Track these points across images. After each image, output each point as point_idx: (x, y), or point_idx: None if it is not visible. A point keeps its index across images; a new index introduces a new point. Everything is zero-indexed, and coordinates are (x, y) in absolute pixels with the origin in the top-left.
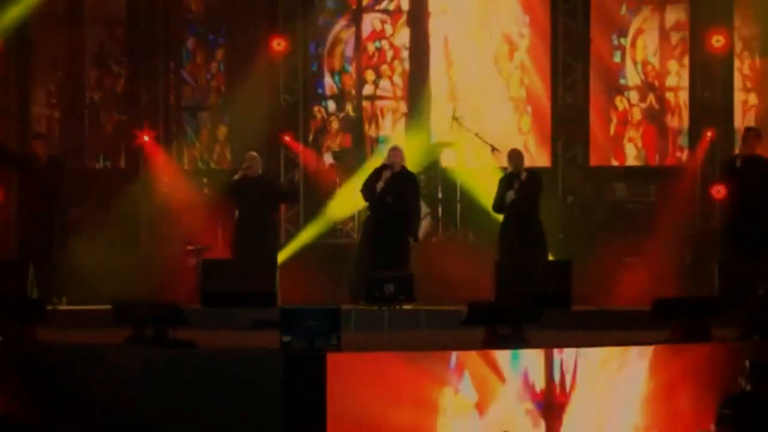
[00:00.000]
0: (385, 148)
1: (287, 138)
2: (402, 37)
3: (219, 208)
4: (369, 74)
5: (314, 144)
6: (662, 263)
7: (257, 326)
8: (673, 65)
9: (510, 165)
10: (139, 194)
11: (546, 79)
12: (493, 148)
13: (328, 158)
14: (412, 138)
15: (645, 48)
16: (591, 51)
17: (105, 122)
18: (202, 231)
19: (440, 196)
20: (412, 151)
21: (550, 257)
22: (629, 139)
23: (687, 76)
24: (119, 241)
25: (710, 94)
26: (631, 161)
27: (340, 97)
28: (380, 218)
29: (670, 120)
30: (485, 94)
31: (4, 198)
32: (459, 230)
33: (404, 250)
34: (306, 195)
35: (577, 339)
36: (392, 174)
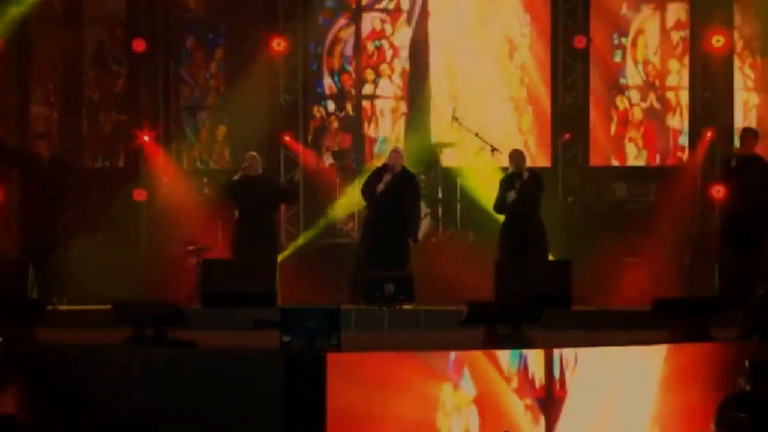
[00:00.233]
0: (385, 147)
1: (287, 138)
2: (402, 36)
3: (219, 208)
4: (369, 74)
5: (314, 144)
6: (662, 263)
7: (257, 326)
8: (673, 64)
9: (511, 165)
10: (139, 194)
11: (546, 79)
12: (493, 148)
13: (328, 158)
14: (412, 138)
15: (646, 47)
16: (591, 51)
17: (104, 122)
18: (202, 231)
19: (440, 196)
20: (412, 151)
21: (550, 257)
22: (630, 139)
23: (688, 76)
24: (119, 241)
25: (710, 94)
26: (631, 161)
27: (339, 96)
28: (380, 219)
29: (670, 119)
30: (485, 94)
31: (4, 198)
32: (459, 230)
33: (404, 251)
34: (306, 195)
35: (577, 339)
36: (392, 176)
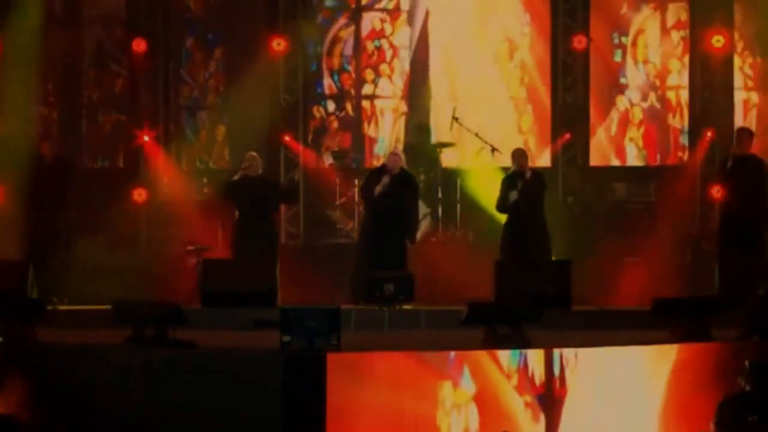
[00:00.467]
0: (385, 147)
1: (287, 138)
2: (402, 36)
3: (219, 208)
4: (368, 73)
5: (314, 144)
6: (662, 263)
7: (257, 326)
8: (674, 64)
9: (514, 164)
10: (139, 194)
11: (546, 79)
12: (493, 148)
13: (328, 158)
14: (412, 138)
15: (646, 47)
16: (591, 51)
17: (103, 122)
18: (202, 231)
19: (440, 196)
20: (412, 151)
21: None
22: (630, 139)
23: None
24: (119, 241)
25: (710, 94)
26: (632, 161)
27: (339, 96)
28: (378, 220)
29: (671, 119)
30: (485, 94)
31: (5, 198)
32: (459, 230)
33: (401, 252)
34: (306, 195)
35: (577, 339)
36: (391, 177)
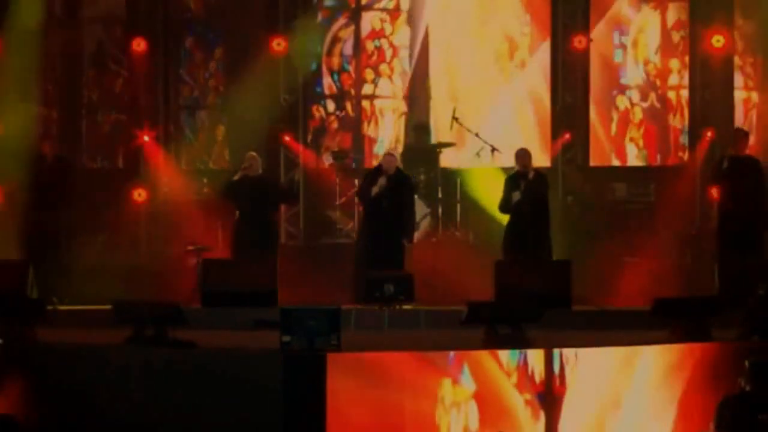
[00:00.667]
0: (385, 147)
1: (287, 138)
2: (402, 36)
3: (219, 208)
4: (368, 73)
5: (313, 144)
6: (662, 263)
7: (257, 326)
8: (674, 64)
9: (517, 164)
10: (139, 194)
11: (546, 78)
12: (493, 148)
13: (328, 158)
14: (412, 138)
15: (646, 47)
16: (591, 51)
17: (103, 122)
18: (202, 231)
19: (440, 196)
20: (412, 151)
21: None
22: (630, 139)
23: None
24: (119, 241)
25: (710, 94)
26: (632, 161)
27: (339, 96)
28: (375, 220)
29: (671, 119)
30: (485, 94)
31: (4, 198)
32: (459, 230)
33: (399, 252)
34: (306, 195)
35: (577, 339)
36: (387, 178)
